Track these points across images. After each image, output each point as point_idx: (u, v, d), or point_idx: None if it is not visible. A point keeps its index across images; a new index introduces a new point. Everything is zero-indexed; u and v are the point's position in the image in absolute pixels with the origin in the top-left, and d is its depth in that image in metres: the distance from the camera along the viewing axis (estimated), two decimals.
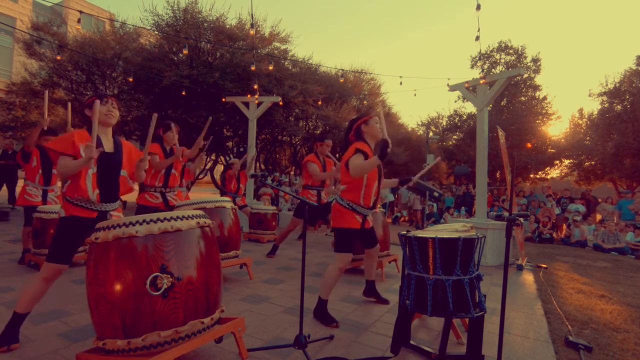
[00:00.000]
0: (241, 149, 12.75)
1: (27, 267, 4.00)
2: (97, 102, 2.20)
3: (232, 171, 6.89)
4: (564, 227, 9.74)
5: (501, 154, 6.28)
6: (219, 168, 16.15)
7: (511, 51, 18.47)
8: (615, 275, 5.39)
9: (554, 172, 19.17)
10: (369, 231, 3.02)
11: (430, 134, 19.34)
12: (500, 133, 6.18)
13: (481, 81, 6.02)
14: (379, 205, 3.19)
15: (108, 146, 2.28)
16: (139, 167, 2.38)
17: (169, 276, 1.77)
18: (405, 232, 2.23)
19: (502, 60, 18.65)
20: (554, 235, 9.26)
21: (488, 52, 18.72)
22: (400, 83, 8.79)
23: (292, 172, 15.72)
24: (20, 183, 7.54)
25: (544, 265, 5.72)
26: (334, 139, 13.52)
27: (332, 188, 4.99)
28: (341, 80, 11.68)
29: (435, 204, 11.52)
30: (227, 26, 11.10)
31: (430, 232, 2.25)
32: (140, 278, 1.73)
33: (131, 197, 10.98)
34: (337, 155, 15.67)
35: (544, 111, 18.42)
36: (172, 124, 3.83)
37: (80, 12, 6.22)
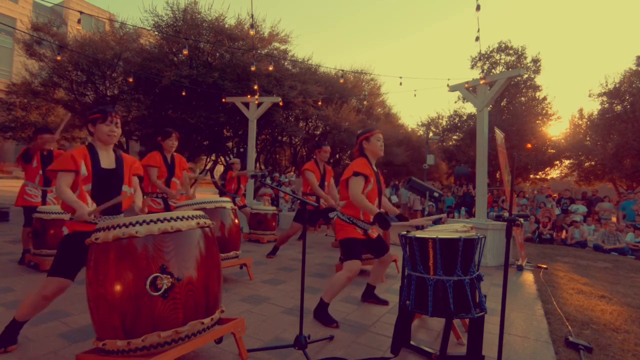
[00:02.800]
0: (241, 149, 12.75)
1: (27, 268, 3.99)
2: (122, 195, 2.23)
3: (234, 172, 6.89)
4: (564, 228, 9.74)
5: (499, 155, 6.26)
6: (219, 168, 16.16)
7: (511, 52, 18.50)
8: (616, 276, 5.39)
9: (554, 173, 19.20)
10: (375, 240, 3.00)
11: (430, 134, 19.36)
12: (499, 134, 6.16)
13: (481, 81, 6.02)
14: None
15: (108, 162, 2.27)
16: (135, 206, 2.40)
17: (169, 276, 1.76)
18: (405, 233, 2.22)
19: (502, 61, 18.68)
20: (554, 235, 9.26)
21: (488, 52, 18.75)
22: (400, 83, 8.79)
23: (291, 173, 15.73)
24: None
25: (544, 266, 5.72)
26: (334, 140, 13.58)
27: (332, 201, 4.76)
28: (341, 80, 11.69)
29: (435, 204, 11.51)
30: (227, 26, 11.12)
31: (431, 232, 2.25)
32: (140, 278, 1.72)
33: None
34: (337, 156, 15.69)
35: (544, 111, 18.44)
36: (171, 132, 3.83)
37: (81, 12, 6.22)
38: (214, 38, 11.06)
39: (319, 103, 11.64)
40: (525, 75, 18.10)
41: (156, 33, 11.21)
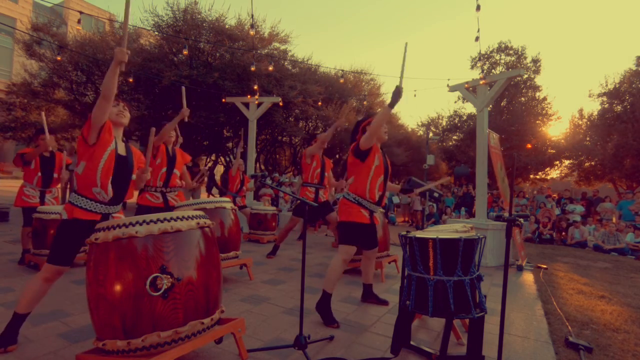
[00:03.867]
0: (241, 150, 12.73)
1: (26, 268, 4.00)
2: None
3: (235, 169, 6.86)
4: (565, 228, 9.72)
5: (492, 156, 6.21)
6: (219, 168, 16.16)
7: (511, 52, 18.47)
8: (616, 276, 5.39)
9: (554, 173, 19.18)
10: (373, 230, 3.00)
11: (430, 134, 19.34)
12: (493, 136, 6.12)
13: (481, 82, 6.02)
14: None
15: (121, 149, 2.30)
16: (140, 178, 2.40)
17: (169, 277, 1.76)
18: (405, 233, 2.22)
19: (502, 61, 18.65)
20: (554, 235, 9.26)
21: (488, 52, 18.72)
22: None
23: (291, 173, 15.74)
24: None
25: (544, 266, 5.72)
26: (334, 139, 13.55)
27: (342, 182, 4.88)
28: (341, 80, 11.69)
29: (435, 205, 11.52)
30: (227, 26, 11.11)
31: (431, 232, 2.25)
32: (140, 278, 1.72)
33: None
34: (337, 156, 15.69)
35: (544, 112, 18.42)
36: (166, 124, 3.92)
37: (81, 12, 6.22)
38: (214, 38, 11.06)
39: (319, 103, 11.64)
40: (525, 76, 18.08)
41: (156, 33, 11.20)
